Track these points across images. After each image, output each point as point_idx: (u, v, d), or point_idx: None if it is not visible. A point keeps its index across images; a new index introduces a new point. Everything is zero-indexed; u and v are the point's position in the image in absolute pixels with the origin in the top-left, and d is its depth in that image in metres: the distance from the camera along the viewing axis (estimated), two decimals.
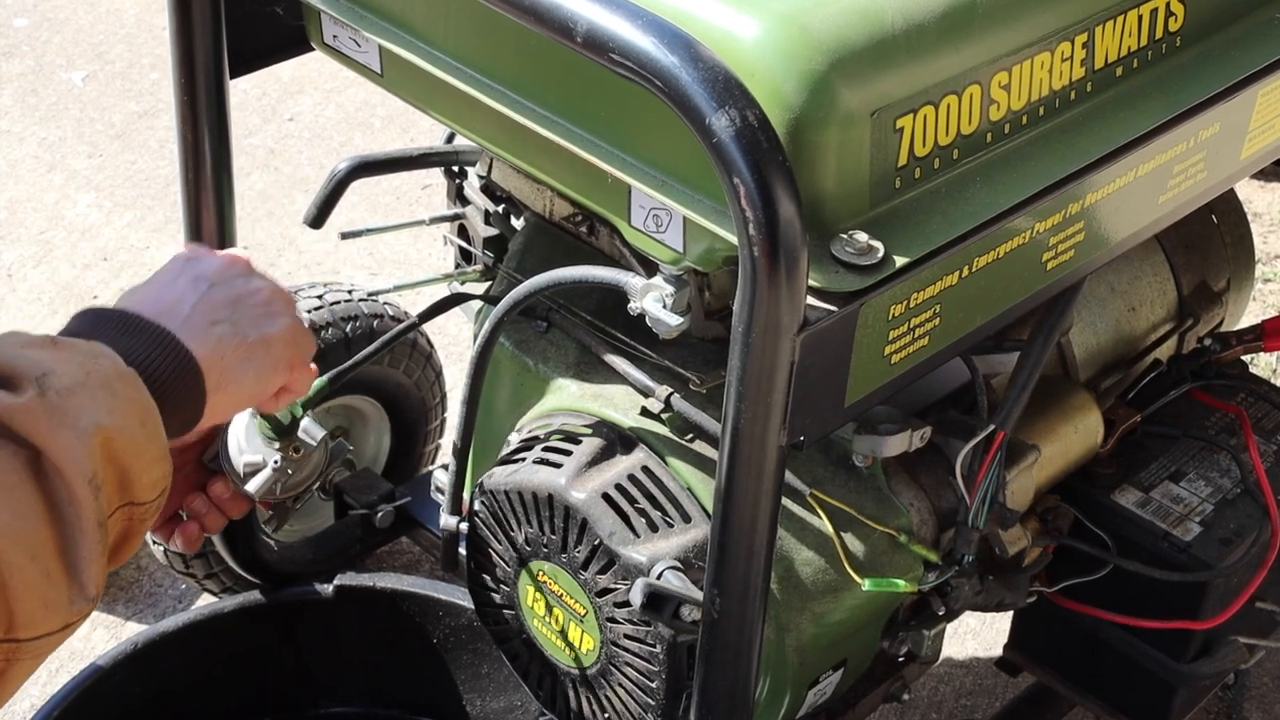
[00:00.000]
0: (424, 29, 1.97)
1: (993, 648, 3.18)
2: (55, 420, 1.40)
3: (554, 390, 2.20)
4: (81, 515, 1.40)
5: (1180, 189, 2.03)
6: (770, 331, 1.55)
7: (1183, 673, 2.38)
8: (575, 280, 1.99)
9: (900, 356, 1.76)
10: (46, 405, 1.39)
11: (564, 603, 2.08)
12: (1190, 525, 2.31)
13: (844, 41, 1.68)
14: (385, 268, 4.16)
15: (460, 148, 2.51)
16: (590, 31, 1.55)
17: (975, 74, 1.79)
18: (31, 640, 1.36)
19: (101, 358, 1.48)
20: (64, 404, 1.41)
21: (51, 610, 1.37)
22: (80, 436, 1.40)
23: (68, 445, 1.39)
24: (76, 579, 1.39)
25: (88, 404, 1.43)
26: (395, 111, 4.76)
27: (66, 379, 1.43)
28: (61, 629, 1.39)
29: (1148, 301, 2.51)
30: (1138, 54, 1.97)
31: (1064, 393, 2.33)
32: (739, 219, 1.51)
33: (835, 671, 2.17)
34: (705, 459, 2.05)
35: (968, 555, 2.10)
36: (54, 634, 1.38)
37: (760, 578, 1.75)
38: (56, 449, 1.39)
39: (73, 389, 1.42)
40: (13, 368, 1.41)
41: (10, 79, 4.83)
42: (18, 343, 1.45)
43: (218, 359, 1.62)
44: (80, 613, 1.40)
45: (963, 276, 1.77)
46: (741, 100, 1.50)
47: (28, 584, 1.34)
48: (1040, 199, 1.80)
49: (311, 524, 3.06)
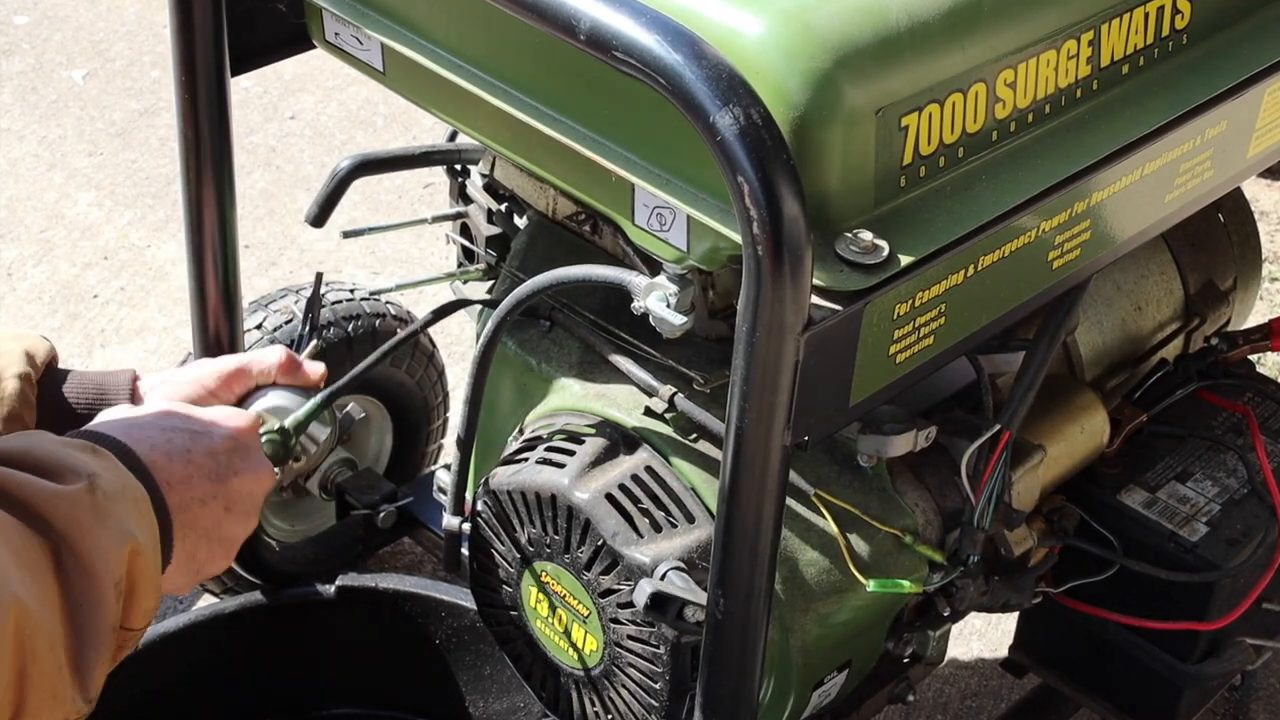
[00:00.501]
0: (426, 26, 1.97)
1: (998, 649, 3.18)
2: (98, 519, 1.42)
3: (557, 390, 2.20)
4: (99, 617, 1.42)
5: (1186, 187, 2.03)
6: (774, 331, 1.55)
7: (1189, 674, 2.38)
8: (578, 279, 1.99)
9: (905, 356, 1.76)
10: (94, 503, 1.41)
11: (567, 604, 2.08)
12: (1197, 525, 2.31)
13: (848, 39, 1.68)
14: (387, 267, 4.16)
15: (463, 146, 2.51)
16: (593, 29, 1.55)
17: (981, 72, 1.79)
18: None
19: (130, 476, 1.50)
20: (109, 506, 1.43)
21: (58, 704, 1.37)
22: (117, 541, 1.43)
23: (106, 546, 1.41)
24: (81, 679, 1.41)
25: (126, 513, 1.46)
26: (397, 110, 4.76)
27: (111, 485, 1.45)
28: None
29: (1154, 300, 2.51)
30: (1144, 52, 1.97)
31: (1070, 392, 2.33)
32: (743, 217, 1.51)
33: (840, 673, 2.17)
34: (709, 459, 2.05)
35: (973, 556, 2.10)
36: None
37: (764, 578, 1.75)
38: (93, 547, 1.40)
39: (115, 496, 1.45)
40: (61, 463, 1.43)
41: (10, 77, 4.83)
42: (58, 441, 1.48)
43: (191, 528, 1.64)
44: (79, 713, 1.41)
45: (968, 275, 1.76)
46: (745, 98, 1.50)
47: (44, 673, 1.35)
48: (1046, 197, 1.80)
49: (313, 524, 3.06)
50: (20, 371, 1.82)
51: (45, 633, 1.35)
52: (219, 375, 1.96)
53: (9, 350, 1.83)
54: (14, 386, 1.80)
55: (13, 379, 1.81)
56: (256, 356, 2.02)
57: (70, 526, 1.39)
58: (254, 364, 2.01)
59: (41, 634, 1.34)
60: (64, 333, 3.86)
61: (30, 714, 1.34)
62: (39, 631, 1.34)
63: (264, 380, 2.03)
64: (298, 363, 2.05)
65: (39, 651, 1.34)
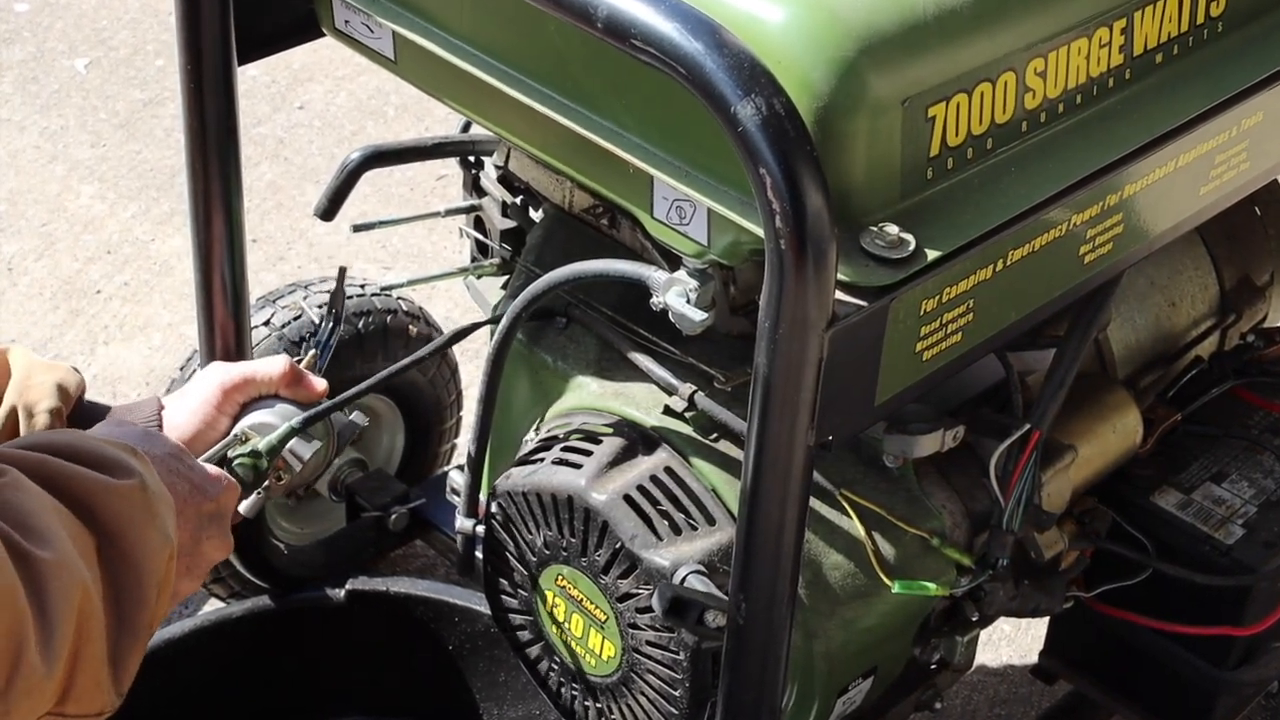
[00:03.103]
0: (439, 14, 1.97)
1: (1028, 655, 3.18)
2: (149, 517, 1.48)
3: (573, 388, 2.20)
4: (140, 614, 1.49)
5: (1222, 180, 2.03)
6: (798, 327, 1.55)
7: (1224, 680, 2.38)
8: (596, 274, 2.00)
9: (932, 353, 1.76)
10: (146, 501, 1.47)
11: (584, 608, 2.08)
12: (1232, 528, 2.31)
13: (874, 27, 1.68)
14: (399, 261, 4.17)
15: (476, 137, 2.51)
16: (611, 16, 1.55)
17: (1010, 60, 1.79)
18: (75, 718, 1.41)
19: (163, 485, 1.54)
20: (157, 507, 1.48)
21: (99, 692, 1.44)
22: (161, 542, 1.50)
23: (154, 545, 1.49)
24: (117, 673, 1.47)
25: (168, 516, 1.50)
26: (409, 99, 4.76)
27: (156, 487, 1.52)
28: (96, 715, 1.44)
29: (1188, 296, 2.51)
30: (1178, 40, 1.97)
31: (1102, 391, 2.33)
32: (765, 211, 1.51)
33: (865, 679, 2.17)
34: (730, 459, 2.05)
35: (1002, 559, 2.11)
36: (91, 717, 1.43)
37: (787, 582, 1.75)
38: (142, 544, 1.47)
39: (160, 498, 1.52)
40: (111, 459, 1.48)
41: (11, 66, 4.84)
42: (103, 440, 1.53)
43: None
44: (111, 706, 1.47)
45: (997, 270, 1.77)
46: (768, 88, 1.50)
47: (93, 658, 1.41)
48: (1077, 190, 1.80)
49: (322, 527, 3.07)
50: (52, 407, 1.87)
51: (98, 620, 1.40)
52: (223, 390, 1.97)
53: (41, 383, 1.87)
54: (44, 422, 1.85)
55: (44, 414, 1.86)
56: (261, 367, 2.03)
57: (120, 521, 1.44)
58: (259, 374, 2.03)
59: (96, 620, 1.40)
60: (65, 330, 3.87)
61: (74, 700, 1.40)
62: (95, 617, 1.40)
63: (266, 390, 2.04)
64: (301, 375, 2.05)
65: (93, 636, 1.40)
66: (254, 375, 2.02)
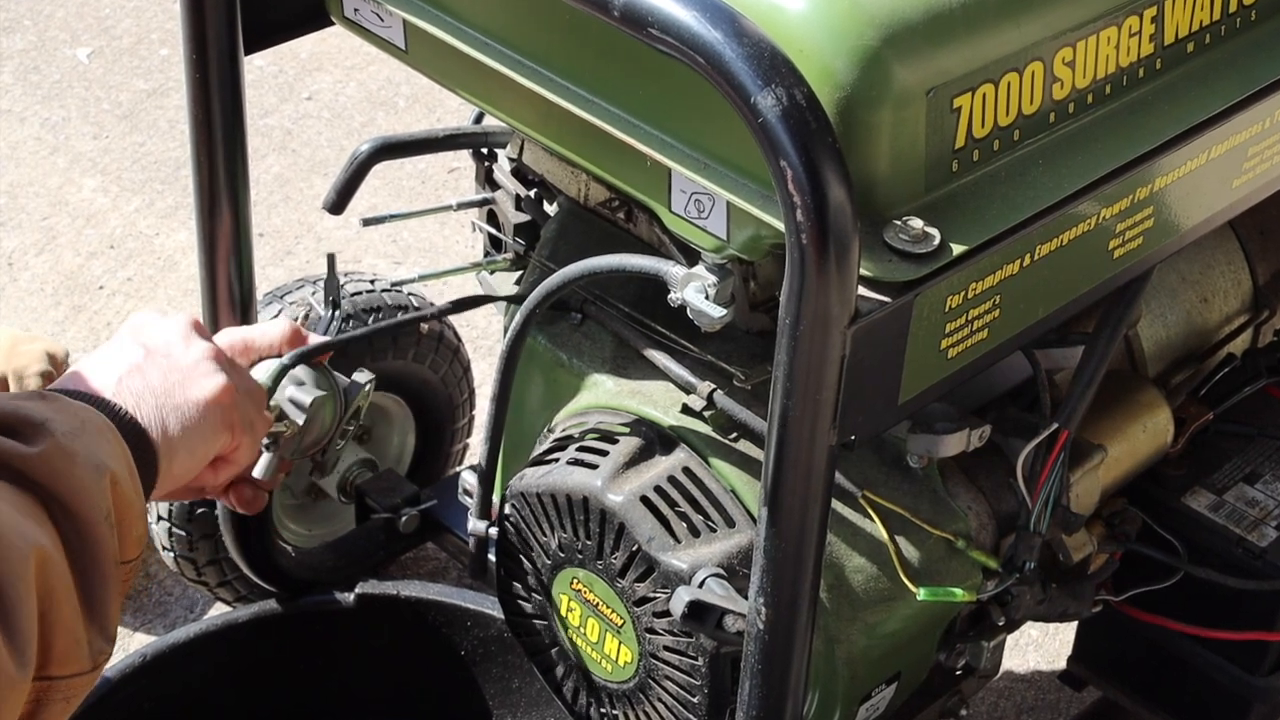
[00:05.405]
0: (451, 2, 1.97)
1: (1056, 660, 3.18)
2: (68, 461, 1.48)
3: (589, 386, 2.21)
4: (100, 554, 1.49)
5: (1256, 172, 2.03)
6: (819, 324, 1.55)
7: (1258, 687, 2.38)
8: (612, 270, 2.00)
9: (958, 351, 1.76)
10: (60, 448, 1.48)
11: (600, 612, 2.09)
12: (1266, 530, 2.31)
13: (898, 15, 1.69)
14: (410, 256, 4.17)
15: (489, 129, 2.52)
16: (628, 5, 1.55)
17: (1037, 50, 1.79)
18: (63, 679, 1.44)
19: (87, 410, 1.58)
20: (72, 446, 1.49)
21: (80, 648, 1.44)
22: (93, 475, 1.51)
23: (83, 485, 1.49)
24: (98, 622, 1.49)
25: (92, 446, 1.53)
26: (420, 90, 4.77)
27: (65, 426, 1.52)
28: (90, 670, 1.46)
29: (1221, 292, 2.51)
30: (1210, 29, 1.97)
31: (1132, 389, 2.33)
32: (786, 204, 1.51)
33: (888, 685, 2.17)
34: (750, 459, 2.05)
35: (1029, 562, 2.10)
36: (83, 675, 1.46)
37: (809, 586, 1.75)
38: (73, 489, 1.47)
39: (75, 433, 1.52)
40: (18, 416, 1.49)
41: (11, 55, 4.86)
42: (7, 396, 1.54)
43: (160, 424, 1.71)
44: (103, 654, 1.48)
45: (1024, 265, 1.77)
46: (789, 78, 1.50)
47: (64, 617, 1.43)
48: (1107, 183, 1.80)
49: (331, 529, 3.07)
50: (42, 370, 1.90)
51: (60, 577, 1.42)
52: None
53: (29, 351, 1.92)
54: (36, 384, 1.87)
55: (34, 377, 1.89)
56: (261, 330, 2.06)
57: (50, 479, 1.45)
58: (259, 338, 2.05)
59: (60, 578, 1.41)
60: (68, 326, 3.88)
61: (57, 663, 1.41)
62: (57, 575, 1.41)
63: (269, 354, 2.07)
64: (304, 337, 2.07)
65: (59, 599, 1.41)
66: (253, 339, 2.05)
